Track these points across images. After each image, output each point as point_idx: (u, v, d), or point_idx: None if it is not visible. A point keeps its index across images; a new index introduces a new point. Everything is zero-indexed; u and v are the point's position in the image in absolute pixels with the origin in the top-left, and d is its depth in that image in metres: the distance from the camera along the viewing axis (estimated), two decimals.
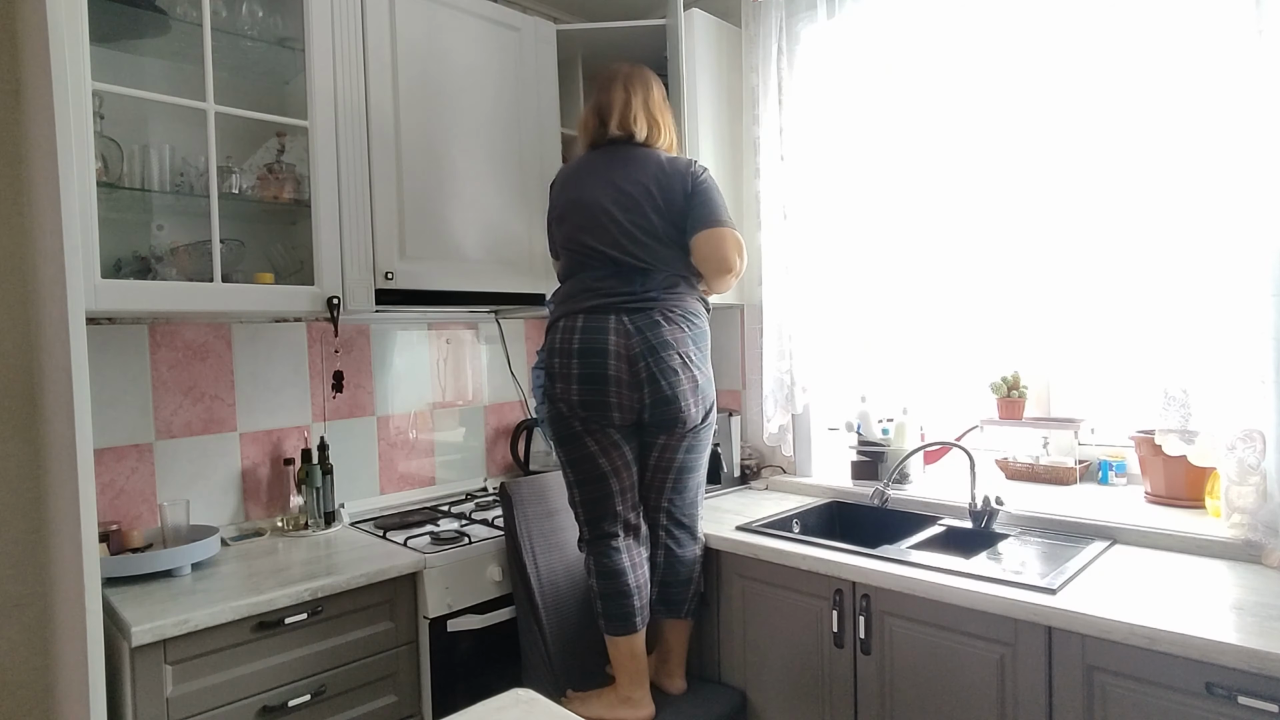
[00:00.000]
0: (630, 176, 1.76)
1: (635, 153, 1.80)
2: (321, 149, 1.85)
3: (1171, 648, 1.17)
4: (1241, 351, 1.51)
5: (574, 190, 1.81)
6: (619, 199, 1.74)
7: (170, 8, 1.74)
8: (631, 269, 1.73)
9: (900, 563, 1.56)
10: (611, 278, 1.73)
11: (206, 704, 1.45)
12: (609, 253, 1.73)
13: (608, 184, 1.76)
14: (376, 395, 2.32)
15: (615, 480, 1.74)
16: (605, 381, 1.67)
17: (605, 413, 1.69)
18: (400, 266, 1.99)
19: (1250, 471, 1.50)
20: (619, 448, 1.74)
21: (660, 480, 1.81)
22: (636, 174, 1.76)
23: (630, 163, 1.78)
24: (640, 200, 1.74)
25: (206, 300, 1.69)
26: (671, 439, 1.77)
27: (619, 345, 1.67)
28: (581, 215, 1.77)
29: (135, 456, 1.87)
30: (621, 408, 1.68)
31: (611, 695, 1.72)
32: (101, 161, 1.62)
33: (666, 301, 1.72)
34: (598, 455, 1.73)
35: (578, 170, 1.84)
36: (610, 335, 1.68)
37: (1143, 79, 1.76)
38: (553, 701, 1.10)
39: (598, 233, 1.74)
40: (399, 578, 1.74)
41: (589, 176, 1.80)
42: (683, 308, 1.75)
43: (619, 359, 1.67)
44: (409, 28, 2.02)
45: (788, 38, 2.34)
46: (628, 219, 1.73)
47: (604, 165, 1.80)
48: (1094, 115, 1.89)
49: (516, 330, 2.70)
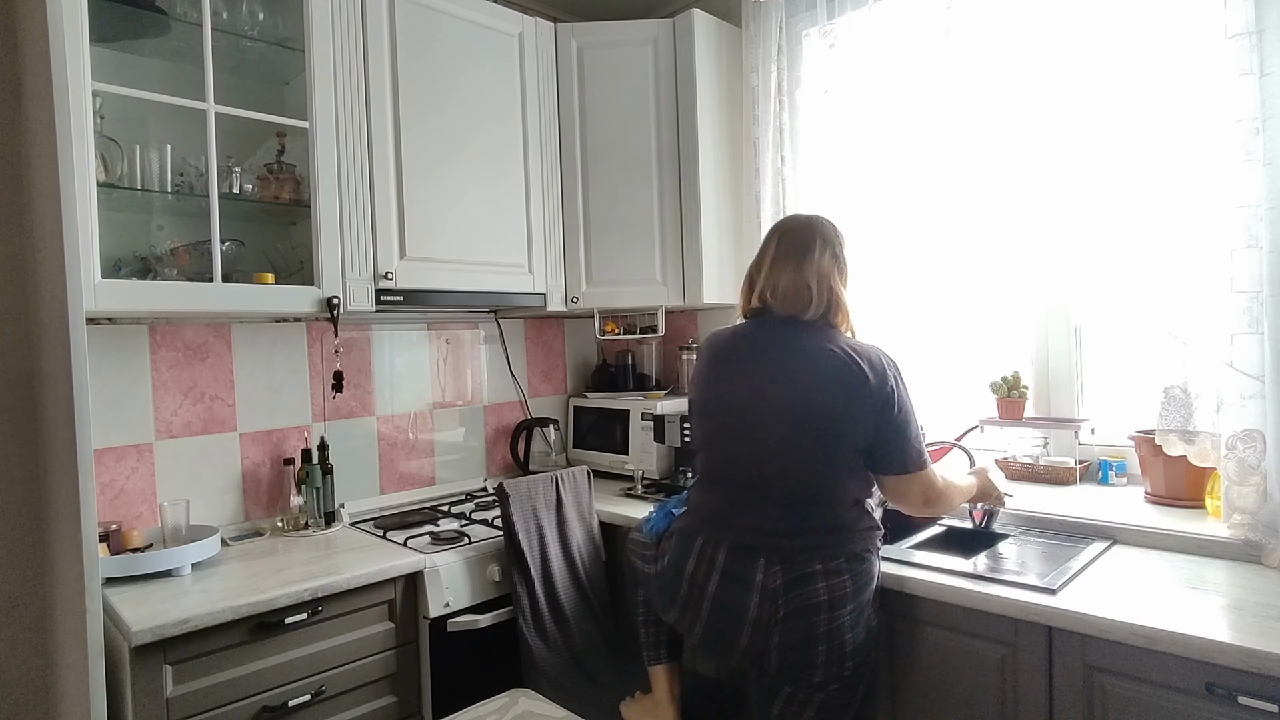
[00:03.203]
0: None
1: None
2: (321, 149, 1.85)
3: (1172, 648, 1.17)
4: (1242, 351, 1.51)
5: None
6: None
7: (170, 8, 1.74)
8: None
9: (900, 562, 1.56)
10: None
11: (206, 704, 1.45)
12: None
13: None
14: (376, 395, 2.32)
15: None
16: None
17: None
18: (400, 266, 1.99)
19: (1250, 471, 1.50)
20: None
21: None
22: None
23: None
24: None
25: (206, 300, 1.69)
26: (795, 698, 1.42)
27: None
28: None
29: (135, 456, 1.87)
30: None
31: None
32: (101, 161, 1.62)
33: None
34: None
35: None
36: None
37: (1142, 80, 1.77)
38: (552, 701, 1.10)
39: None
40: (399, 578, 1.74)
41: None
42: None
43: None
44: (409, 28, 2.02)
45: (788, 38, 2.34)
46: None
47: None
48: (1094, 115, 1.89)
49: (516, 330, 2.70)
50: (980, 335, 2.16)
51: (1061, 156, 1.94)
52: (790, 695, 1.40)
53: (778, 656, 1.38)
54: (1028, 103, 1.97)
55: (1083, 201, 1.94)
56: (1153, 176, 1.77)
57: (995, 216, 2.07)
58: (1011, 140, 2.01)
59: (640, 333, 2.54)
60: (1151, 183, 1.78)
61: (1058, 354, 2.03)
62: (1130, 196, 1.85)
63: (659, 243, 2.39)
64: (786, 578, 1.36)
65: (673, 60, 2.37)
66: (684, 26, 2.34)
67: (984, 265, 2.11)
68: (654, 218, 2.39)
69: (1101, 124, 1.88)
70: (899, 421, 1.41)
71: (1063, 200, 1.96)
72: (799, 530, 1.39)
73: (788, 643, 1.36)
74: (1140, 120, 1.79)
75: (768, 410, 1.43)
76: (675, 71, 2.37)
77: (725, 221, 2.43)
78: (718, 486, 1.49)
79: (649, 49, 2.38)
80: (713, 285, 2.38)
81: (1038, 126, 1.97)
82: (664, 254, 2.39)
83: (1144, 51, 1.76)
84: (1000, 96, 2.01)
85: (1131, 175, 1.83)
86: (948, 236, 2.13)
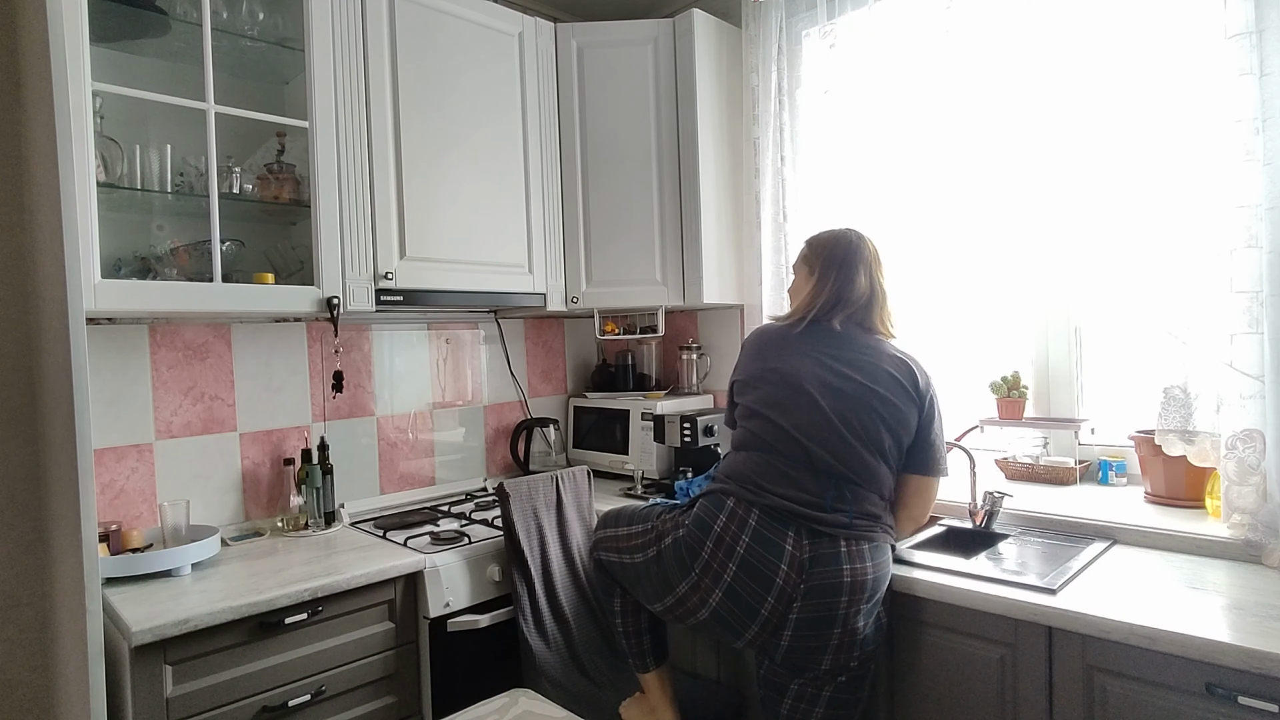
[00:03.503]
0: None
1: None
2: (321, 149, 1.85)
3: (1171, 648, 1.17)
4: (1241, 351, 1.51)
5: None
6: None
7: (170, 8, 1.74)
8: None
9: (901, 563, 1.56)
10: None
11: (206, 704, 1.45)
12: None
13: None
14: (376, 395, 2.32)
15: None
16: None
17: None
18: (400, 266, 1.99)
19: (1250, 471, 1.50)
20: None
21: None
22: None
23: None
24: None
25: (206, 300, 1.69)
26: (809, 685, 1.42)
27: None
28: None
29: (135, 456, 1.87)
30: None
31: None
32: (101, 161, 1.62)
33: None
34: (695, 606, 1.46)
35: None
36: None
37: (1143, 80, 1.77)
38: (552, 701, 1.10)
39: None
40: (399, 578, 1.74)
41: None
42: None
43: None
44: (409, 27, 2.02)
45: (788, 38, 2.34)
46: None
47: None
48: (1093, 115, 1.89)
49: (516, 330, 2.70)
50: (980, 335, 2.16)
51: (1061, 156, 1.94)
52: (799, 691, 1.41)
53: (791, 634, 1.38)
54: (1028, 103, 1.97)
55: (1083, 201, 1.94)
56: (1153, 176, 1.77)
57: (995, 216, 2.07)
58: (1011, 140, 2.01)
59: (640, 333, 2.54)
60: (1152, 183, 1.78)
61: (1058, 354, 2.03)
62: (1130, 196, 1.85)
63: (659, 243, 2.39)
64: (813, 552, 1.38)
65: (673, 60, 2.37)
66: (684, 26, 2.34)
67: (984, 265, 2.11)
68: (654, 218, 2.39)
69: (1101, 123, 1.88)
70: (937, 425, 1.52)
71: (1063, 200, 1.96)
72: (832, 507, 1.41)
73: (805, 619, 1.37)
74: (1140, 120, 1.79)
75: (820, 385, 1.47)
76: (675, 71, 2.37)
77: (725, 221, 2.44)
78: (756, 453, 1.50)
79: (649, 49, 2.38)
80: (713, 285, 2.38)
81: (1038, 126, 1.97)
82: (664, 254, 2.39)
83: (1144, 52, 1.76)
84: (1000, 96, 2.01)
85: (1132, 175, 1.83)
86: (948, 236, 2.13)
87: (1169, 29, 1.69)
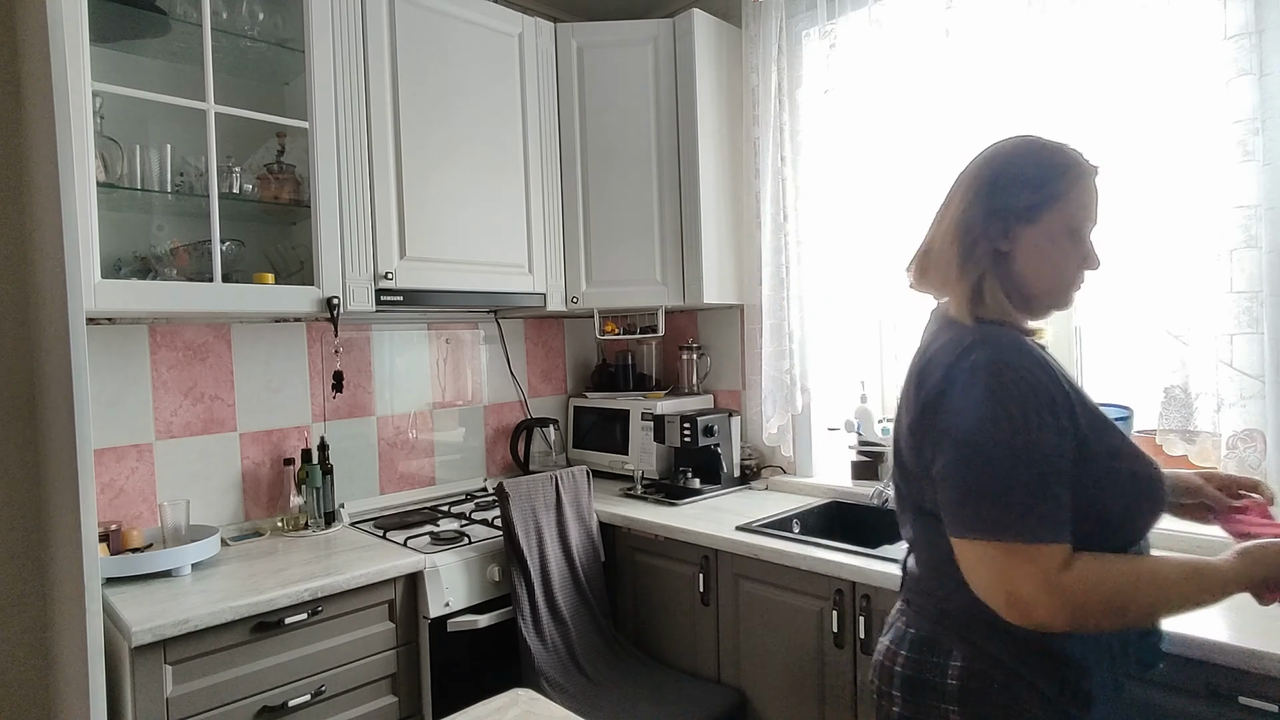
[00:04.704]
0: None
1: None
2: (321, 149, 1.85)
3: (1171, 647, 1.17)
4: (1241, 351, 1.51)
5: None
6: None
7: (170, 8, 1.74)
8: None
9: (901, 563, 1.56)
10: None
11: (206, 704, 1.45)
12: None
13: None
14: (376, 395, 2.32)
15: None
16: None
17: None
18: (400, 266, 1.99)
19: (1251, 471, 1.50)
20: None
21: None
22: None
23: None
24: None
25: (206, 300, 1.69)
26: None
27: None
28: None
29: (135, 456, 1.87)
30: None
31: None
32: (101, 161, 1.62)
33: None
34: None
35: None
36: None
37: (1142, 80, 1.76)
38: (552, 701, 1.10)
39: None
40: (399, 578, 1.74)
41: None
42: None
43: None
44: (409, 28, 2.02)
45: (788, 38, 2.34)
46: None
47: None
48: (1093, 115, 1.89)
49: (516, 330, 2.70)
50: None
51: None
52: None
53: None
54: (1028, 103, 1.97)
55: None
56: (1152, 176, 1.76)
57: None
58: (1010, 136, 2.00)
59: (640, 333, 2.54)
60: (1151, 182, 1.78)
61: (1058, 354, 2.02)
62: (1130, 196, 1.85)
63: (659, 243, 2.39)
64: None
65: (673, 60, 2.37)
66: (684, 26, 2.34)
67: None
68: (654, 218, 2.39)
69: (1101, 123, 1.88)
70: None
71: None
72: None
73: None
74: (1140, 120, 1.79)
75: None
76: (675, 72, 2.37)
77: (725, 221, 2.44)
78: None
79: (649, 49, 2.38)
80: (713, 285, 2.38)
81: (1037, 126, 1.97)
82: (664, 254, 2.39)
83: (1144, 52, 1.76)
84: (1000, 96, 2.01)
85: (1131, 175, 1.83)
86: None
87: (1168, 29, 1.69)
